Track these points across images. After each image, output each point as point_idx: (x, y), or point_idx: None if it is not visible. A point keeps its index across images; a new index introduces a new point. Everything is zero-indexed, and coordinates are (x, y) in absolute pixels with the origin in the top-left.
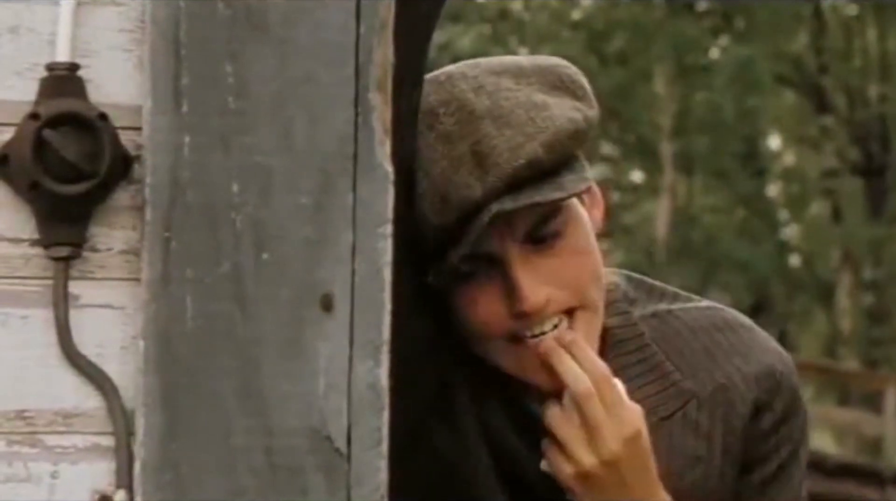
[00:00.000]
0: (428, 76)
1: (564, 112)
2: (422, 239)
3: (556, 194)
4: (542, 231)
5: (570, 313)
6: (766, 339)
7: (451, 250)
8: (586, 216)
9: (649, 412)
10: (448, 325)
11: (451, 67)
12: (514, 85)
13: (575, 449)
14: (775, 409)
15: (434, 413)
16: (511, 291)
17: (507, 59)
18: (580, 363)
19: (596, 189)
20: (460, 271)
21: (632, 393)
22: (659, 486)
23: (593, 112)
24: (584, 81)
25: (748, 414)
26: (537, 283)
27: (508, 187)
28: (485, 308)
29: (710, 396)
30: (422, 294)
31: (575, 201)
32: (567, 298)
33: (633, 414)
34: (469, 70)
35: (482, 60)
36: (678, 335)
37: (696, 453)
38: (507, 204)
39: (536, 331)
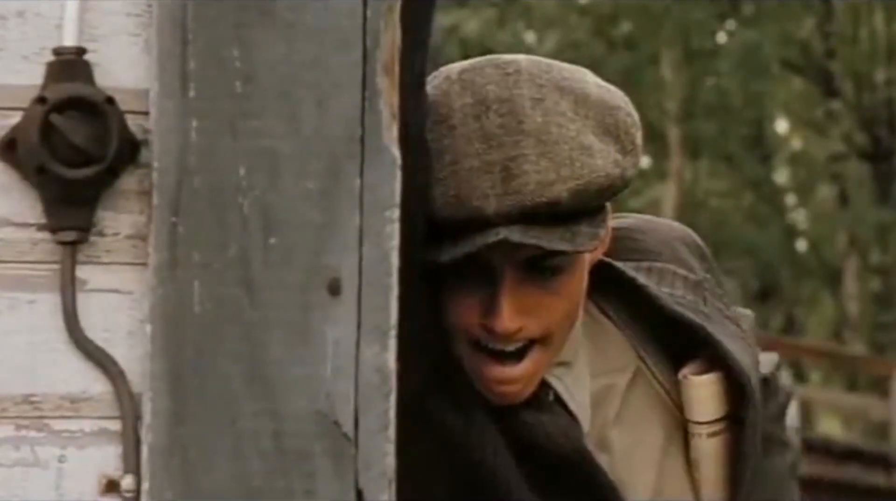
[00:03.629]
0: (497, 60)
1: (605, 164)
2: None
3: (564, 246)
4: (545, 263)
5: (531, 341)
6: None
7: (444, 246)
8: (587, 260)
9: (698, 301)
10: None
11: (523, 61)
12: (571, 112)
13: None
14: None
15: (436, 387)
16: (491, 305)
17: (579, 77)
18: None
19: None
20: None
21: (673, 296)
22: None
23: (633, 171)
24: (639, 135)
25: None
26: (518, 311)
27: (522, 216)
28: (461, 306)
29: (709, 282)
30: (424, 270)
31: None
32: (537, 331)
33: None
34: (539, 74)
35: (556, 67)
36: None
37: (739, 333)
38: (515, 236)
39: (497, 347)
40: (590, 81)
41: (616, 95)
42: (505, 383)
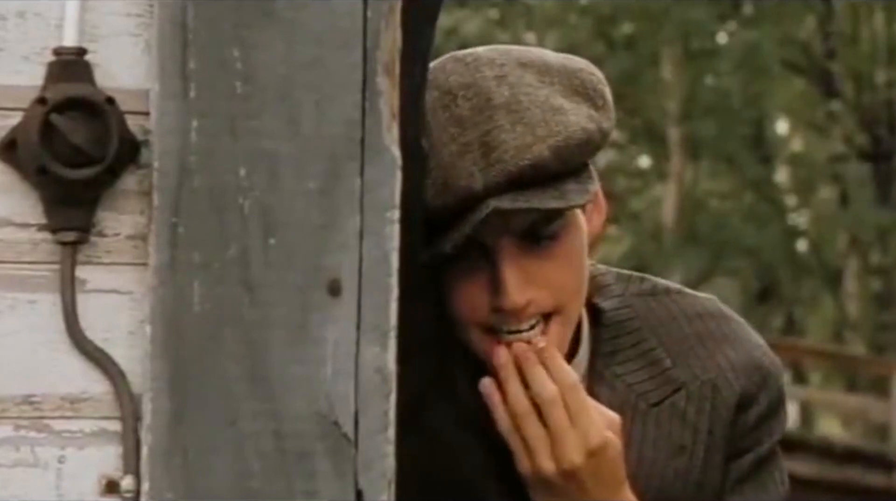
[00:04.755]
0: (455, 55)
1: (580, 120)
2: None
3: (556, 204)
4: (540, 231)
5: (546, 316)
6: (756, 335)
7: (444, 235)
8: (584, 224)
9: (638, 398)
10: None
11: (480, 50)
12: (536, 82)
13: (536, 453)
14: (761, 403)
15: (433, 388)
16: (496, 285)
17: (537, 53)
18: (549, 370)
19: (600, 195)
20: (450, 254)
21: (623, 377)
22: (623, 496)
23: (609, 125)
24: (607, 90)
25: (734, 404)
26: (523, 283)
27: (510, 185)
28: (467, 296)
29: (699, 388)
30: (426, 272)
31: None
32: (548, 302)
33: (600, 425)
34: (498, 57)
35: (514, 48)
36: (673, 319)
37: (681, 442)
38: (506, 203)
39: (513, 328)
40: (548, 53)
41: (576, 60)
42: None
